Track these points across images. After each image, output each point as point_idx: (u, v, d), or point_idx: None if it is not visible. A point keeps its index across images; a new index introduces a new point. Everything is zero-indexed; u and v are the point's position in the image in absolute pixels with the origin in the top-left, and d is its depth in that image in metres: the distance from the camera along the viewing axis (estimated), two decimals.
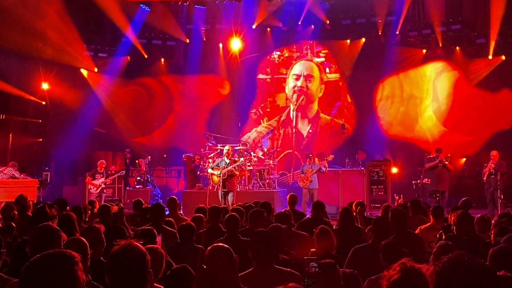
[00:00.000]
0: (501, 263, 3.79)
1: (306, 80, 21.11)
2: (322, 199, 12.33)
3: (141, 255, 2.94)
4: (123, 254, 2.92)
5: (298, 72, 21.28)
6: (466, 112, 17.97)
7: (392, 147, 18.47)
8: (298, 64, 21.44)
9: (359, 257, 5.54)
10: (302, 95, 21.07)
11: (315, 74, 21.14)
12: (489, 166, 14.46)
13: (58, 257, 2.65)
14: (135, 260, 2.90)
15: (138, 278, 2.90)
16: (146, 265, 2.93)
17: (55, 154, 19.38)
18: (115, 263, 2.91)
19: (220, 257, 3.69)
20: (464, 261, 2.12)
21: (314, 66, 21.18)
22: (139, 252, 2.95)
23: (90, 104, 19.61)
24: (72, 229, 5.72)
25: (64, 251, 2.71)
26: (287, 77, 21.44)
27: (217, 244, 3.86)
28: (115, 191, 17.51)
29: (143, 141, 20.44)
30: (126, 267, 2.88)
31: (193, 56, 20.58)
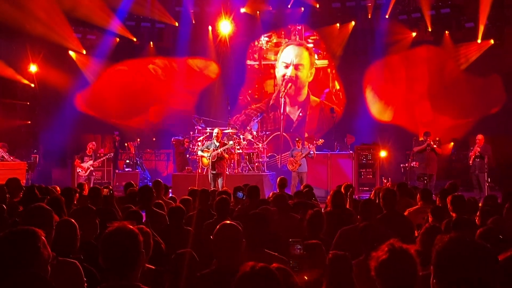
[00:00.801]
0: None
1: (296, 69, 20.97)
2: (311, 183, 12.42)
3: (134, 236, 2.98)
4: (117, 235, 2.96)
5: (288, 60, 21.13)
6: (455, 96, 18.05)
7: (381, 130, 18.53)
8: (288, 50, 21.27)
9: (346, 238, 5.59)
10: (290, 83, 20.96)
11: (305, 61, 21.01)
12: (474, 150, 14.59)
13: (22, 233, 2.82)
14: (128, 241, 2.95)
15: (131, 259, 2.94)
16: (139, 246, 2.98)
17: (44, 136, 19.28)
18: (109, 244, 2.95)
19: (229, 234, 3.71)
20: (464, 241, 2.16)
21: (304, 52, 21.05)
22: (132, 233, 2.99)
23: (78, 87, 19.50)
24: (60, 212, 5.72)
25: (28, 228, 2.87)
26: (277, 62, 21.32)
27: (230, 222, 3.88)
28: (104, 174, 17.50)
29: (132, 124, 20.36)
30: (120, 248, 2.92)
31: (182, 38, 20.46)
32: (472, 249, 2.14)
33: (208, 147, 14.58)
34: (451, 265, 2.12)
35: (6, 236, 2.78)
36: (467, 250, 2.13)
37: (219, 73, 21.00)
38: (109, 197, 7.64)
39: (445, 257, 2.15)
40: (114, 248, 2.93)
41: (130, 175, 17.23)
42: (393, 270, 2.68)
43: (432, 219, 6.04)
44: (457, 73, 18.24)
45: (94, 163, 16.30)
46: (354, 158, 16.02)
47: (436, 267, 2.17)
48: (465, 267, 2.09)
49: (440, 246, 2.18)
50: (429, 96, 18.61)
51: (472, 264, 2.09)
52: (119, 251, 2.92)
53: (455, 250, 2.14)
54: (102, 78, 20.25)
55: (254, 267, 2.44)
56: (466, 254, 2.12)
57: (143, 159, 19.71)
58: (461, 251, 2.13)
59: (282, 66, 21.19)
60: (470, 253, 2.12)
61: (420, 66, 18.96)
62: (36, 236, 2.82)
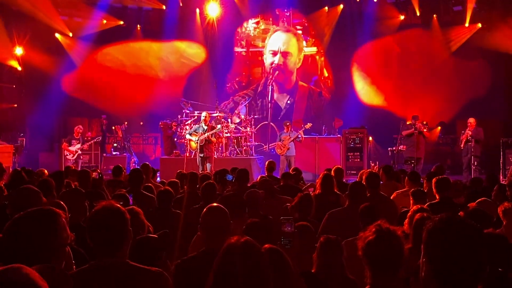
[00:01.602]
0: None
1: (284, 56, 20.79)
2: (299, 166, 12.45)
3: (121, 214, 3.00)
4: (104, 213, 2.98)
5: (275, 48, 20.93)
6: (442, 80, 18.12)
7: (368, 114, 18.59)
8: (275, 37, 21.06)
9: (334, 220, 5.64)
10: (277, 71, 20.77)
11: (293, 48, 20.84)
12: (466, 133, 14.73)
13: (42, 213, 2.76)
14: (116, 219, 2.97)
15: (120, 236, 2.96)
16: (125, 223, 3.00)
17: (31, 120, 19.14)
18: (97, 222, 2.98)
19: (216, 217, 3.74)
20: (454, 220, 2.20)
21: (292, 38, 20.88)
22: (118, 211, 3.01)
23: (65, 70, 19.34)
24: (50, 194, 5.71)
25: (48, 208, 2.82)
26: (264, 49, 21.14)
27: (216, 205, 3.91)
28: (91, 157, 17.44)
29: (119, 107, 20.23)
30: (108, 225, 2.94)
31: (170, 21, 20.31)
32: (462, 228, 2.18)
33: (196, 131, 14.58)
34: (441, 244, 2.15)
35: (26, 215, 2.75)
36: (456, 229, 2.17)
37: (207, 57, 20.87)
38: (98, 180, 7.65)
39: (435, 236, 2.18)
40: (102, 226, 2.94)
41: (118, 158, 17.18)
42: (379, 250, 2.72)
43: (413, 201, 6.11)
44: (445, 57, 18.30)
45: (82, 147, 16.24)
46: (342, 142, 16.09)
47: (426, 246, 2.21)
48: (454, 246, 2.13)
49: (430, 226, 2.21)
50: (417, 79, 18.64)
51: (461, 243, 2.13)
52: (107, 229, 2.93)
53: (445, 229, 2.17)
54: (89, 61, 20.07)
55: (239, 239, 2.47)
56: (456, 233, 2.16)
57: (131, 143, 19.65)
58: (451, 230, 2.17)
59: (269, 54, 21.00)
60: (460, 232, 2.16)
61: (408, 50, 19.00)
62: (57, 217, 2.81)
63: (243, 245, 2.46)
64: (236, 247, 2.45)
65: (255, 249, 2.47)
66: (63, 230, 2.81)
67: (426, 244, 2.21)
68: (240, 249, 2.44)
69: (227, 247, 2.47)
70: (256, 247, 2.49)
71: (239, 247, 2.45)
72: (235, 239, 2.50)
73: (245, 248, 2.45)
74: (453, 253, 2.12)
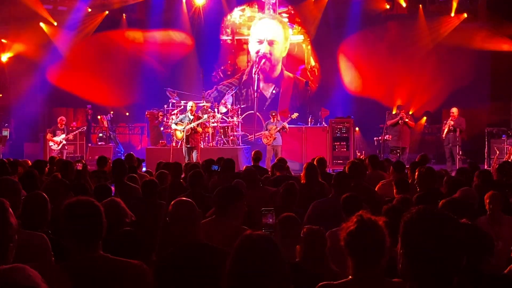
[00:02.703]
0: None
1: (270, 45, 20.59)
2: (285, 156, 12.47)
3: (94, 207, 3.03)
4: (78, 207, 3.01)
5: (261, 36, 20.71)
6: (428, 69, 18.15)
7: (355, 104, 18.63)
8: (261, 25, 20.84)
9: (319, 210, 5.65)
10: (264, 59, 20.58)
11: (279, 37, 20.63)
12: (448, 123, 14.83)
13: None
14: (91, 212, 3.00)
15: (96, 230, 2.99)
16: (101, 216, 3.02)
17: (15, 110, 18.97)
18: (72, 216, 3.00)
19: (183, 211, 3.73)
20: (429, 211, 2.21)
21: (278, 26, 20.69)
22: (93, 204, 3.05)
23: (50, 59, 19.14)
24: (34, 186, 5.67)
25: None
26: (250, 37, 20.99)
27: (180, 198, 3.90)
28: (76, 147, 17.31)
29: (105, 97, 20.09)
30: (84, 219, 2.96)
31: (156, 10, 20.18)
32: (438, 219, 2.19)
33: (182, 120, 14.56)
34: (417, 235, 2.17)
35: None
36: (432, 221, 2.18)
37: (193, 45, 20.75)
38: (82, 171, 7.61)
39: (412, 226, 2.19)
40: (78, 220, 2.95)
41: (103, 148, 17.08)
42: (361, 240, 2.73)
43: (397, 191, 6.13)
44: (431, 47, 18.34)
45: (67, 137, 16.14)
46: (328, 132, 16.10)
47: (403, 237, 2.22)
48: (430, 238, 2.14)
49: (407, 217, 2.22)
50: (403, 69, 18.65)
51: (437, 235, 2.14)
52: (83, 223, 2.95)
53: (421, 219, 2.19)
54: (74, 50, 19.86)
55: (252, 234, 2.44)
56: (432, 224, 2.17)
57: (116, 133, 19.54)
58: (426, 221, 2.18)
59: (255, 42, 20.83)
60: (436, 223, 2.17)
61: (394, 40, 18.99)
62: (4, 205, 2.83)
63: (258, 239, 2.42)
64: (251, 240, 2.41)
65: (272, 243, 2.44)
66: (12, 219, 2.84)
67: (402, 236, 2.22)
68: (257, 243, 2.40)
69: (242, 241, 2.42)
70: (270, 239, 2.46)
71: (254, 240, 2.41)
72: (248, 233, 2.46)
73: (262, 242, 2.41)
74: (428, 245, 2.13)
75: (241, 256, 2.35)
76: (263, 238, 2.40)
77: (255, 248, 2.35)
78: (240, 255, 2.36)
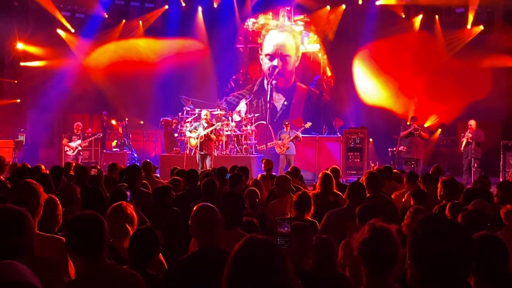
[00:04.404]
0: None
1: (282, 59, 20.46)
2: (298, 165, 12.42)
3: (97, 221, 3.16)
4: (80, 221, 3.15)
5: (272, 51, 20.60)
6: (443, 81, 18.04)
7: (369, 114, 18.56)
8: (271, 38, 20.71)
9: (333, 220, 5.63)
10: (279, 76, 20.41)
11: (291, 50, 20.52)
12: (466, 136, 14.72)
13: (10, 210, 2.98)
14: (91, 227, 3.12)
15: (96, 243, 3.11)
16: (102, 230, 3.16)
17: (31, 115, 19.15)
18: (72, 230, 3.15)
19: (206, 216, 3.74)
20: (437, 220, 2.20)
21: (288, 38, 20.58)
22: (95, 218, 3.17)
23: (67, 65, 19.32)
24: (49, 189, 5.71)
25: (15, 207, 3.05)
26: (261, 51, 20.90)
27: (203, 203, 3.91)
28: (91, 153, 17.43)
29: (120, 104, 20.22)
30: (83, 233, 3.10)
31: (172, 19, 20.33)
32: (445, 227, 2.18)
33: (196, 128, 14.63)
34: (424, 244, 2.15)
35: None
36: (439, 228, 2.17)
37: (208, 54, 20.80)
38: (97, 176, 7.65)
39: (419, 236, 2.18)
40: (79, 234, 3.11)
41: (118, 155, 17.20)
42: (374, 249, 2.72)
43: (414, 202, 6.10)
44: (446, 59, 18.24)
45: (83, 143, 16.26)
46: (342, 142, 16.08)
47: (410, 247, 2.21)
48: (437, 246, 2.13)
49: (414, 226, 2.21)
50: (417, 81, 18.60)
51: (444, 242, 2.13)
52: (83, 236, 3.09)
53: (428, 229, 2.17)
54: (90, 57, 20.06)
55: (254, 237, 2.37)
56: (438, 232, 2.16)
57: (131, 140, 19.64)
58: (433, 229, 2.17)
59: (266, 58, 20.67)
60: (442, 231, 2.16)
61: (410, 51, 18.91)
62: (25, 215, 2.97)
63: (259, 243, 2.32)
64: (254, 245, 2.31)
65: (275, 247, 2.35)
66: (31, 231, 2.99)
67: (409, 244, 2.21)
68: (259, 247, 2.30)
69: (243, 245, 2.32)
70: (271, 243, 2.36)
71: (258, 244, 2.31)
72: (249, 236, 2.37)
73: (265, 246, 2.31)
74: (436, 254, 2.11)
75: (240, 259, 2.26)
76: (265, 241, 2.32)
77: (256, 251, 2.25)
78: (239, 258, 2.27)
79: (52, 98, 18.52)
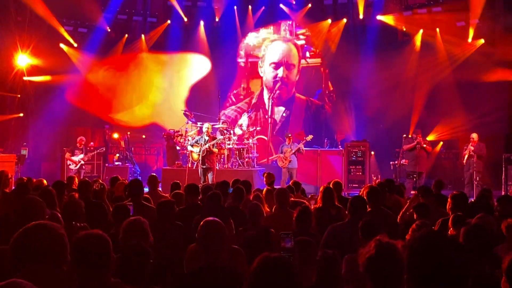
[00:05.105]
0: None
1: (288, 68, 20.49)
2: (300, 179, 12.48)
3: (103, 240, 3.16)
4: (86, 240, 3.15)
5: (278, 59, 20.63)
6: (444, 95, 18.07)
7: (371, 127, 18.56)
8: (275, 47, 20.77)
9: (335, 235, 5.63)
10: (283, 86, 20.43)
11: (295, 61, 20.57)
12: (468, 149, 14.75)
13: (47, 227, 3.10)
14: (97, 245, 3.12)
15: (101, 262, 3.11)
16: (108, 249, 3.16)
17: (34, 129, 19.19)
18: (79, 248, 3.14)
19: (213, 231, 3.74)
20: (433, 236, 2.21)
21: (293, 49, 20.65)
22: (101, 237, 3.16)
23: (69, 80, 19.39)
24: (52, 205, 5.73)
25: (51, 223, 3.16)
26: (262, 59, 20.91)
27: (210, 218, 3.91)
28: (94, 167, 17.44)
29: (123, 118, 20.28)
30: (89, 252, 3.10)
31: (174, 33, 20.42)
32: (441, 243, 2.18)
33: (198, 142, 14.66)
34: (421, 260, 2.16)
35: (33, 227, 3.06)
36: (435, 244, 2.17)
37: (210, 68, 20.84)
38: (99, 191, 7.67)
39: (415, 251, 2.19)
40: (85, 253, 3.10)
41: (120, 169, 17.22)
42: (380, 265, 2.73)
43: (417, 216, 6.11)
44: (447, 72, 18.25)
45: (85, 157, 16.29)
46: (344, 155, 16.09)
47: (407, 262, 2.22)
48: (433, 261, 2.13)
49: (411, 241, 2.22)
50: (419, 94, 18.61)
51: (440, 258, 2.13)
52: (90, 255, 3.09)
53: (425, 244, 2.18)
54: (93, 71, 20.13)
55: (269, 256, 2.45)
56: (435, 248, 2.16)
57: (133, 153, 19.67)
58: (430, 245, 2.17)
59: (271, 68, 20.68)
60: (439, 247, 2.16)
61: (410, 64, 18.96)
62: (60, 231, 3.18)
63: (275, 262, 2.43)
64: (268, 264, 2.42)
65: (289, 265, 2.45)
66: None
67: (407, 260, 2.22)
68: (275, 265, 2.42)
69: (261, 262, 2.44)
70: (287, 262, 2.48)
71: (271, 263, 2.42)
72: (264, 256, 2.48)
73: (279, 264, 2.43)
74: (431, 269, 2.12)
75: (259, 277, 2.36)
76: (280, 260, 2.41)
77: (273, 270, 2.35)
78: (258, 276, 2.36)
79: (55, 112, 18.56)
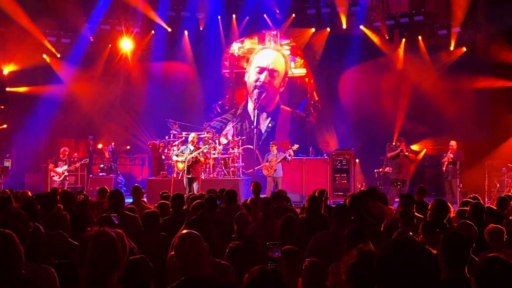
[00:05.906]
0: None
1: (271, 75, 20.54)
2: (286, 187, 12.50)
3: (113, 241, 3.05)
4: (95, 240, 3.03)
5: (263, 64, 20.67)
6: (428, 103, 18.20)
7: (355, 136, 18.64)
8: (264, 54, 20.85)
9: (320, 242, 5.65)
10: (264, 92, 20.51)
11: (280, 68, 20.63)
12: (447, 156, 14.89)
13: None
14: (107, 246, 3.03)
15: (113, 264, 3.03)
16: (117, 250, 3.05)
17: (17, 141, 19.04)
18: (88, 248, 3.03)
19: (190, 244, 3.71)
20: (402, 243, 2.24)
21: (280, 58, 20.70)
22: (111, 238, 3.06)
23: (53, 90, 19.28)
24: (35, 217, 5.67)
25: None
26: (249, 65, 20.90)
27: (187, 231, 3.87)
28: (78, 178, 17.31)
29: (106, 128, 20.17)
30: (98, 253, 3.00)
31: (158, 43, 20.37)
32: (410, 251, 2.21)
33: (183, 152, 14.63)
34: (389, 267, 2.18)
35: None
36: (404, 252, 2.20)
37: (195, 78, 20.81)
38: (82, 202, 7.62)
39: (384, 259, 2.21)
40: (94, 254, 3.00)
41: (104, 180, 17.12)
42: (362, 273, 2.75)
43: (402, 223, 6.14)
44: (430, 80, 18.40)
45: (69, 168, 16.18)
46: (329, 163, 16.14)
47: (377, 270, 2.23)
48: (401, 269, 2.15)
49: (380, 250, 2.25)
50: (402, 102, 18.72)
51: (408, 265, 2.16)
52: (99, 256, 2.99)
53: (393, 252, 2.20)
54: (76, 82, 20.00)
55: (262, 269, 2.48)
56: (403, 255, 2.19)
57: (117, 164, 19.57)
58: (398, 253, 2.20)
59: (255, 71, 20.71)
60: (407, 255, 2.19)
61: (394, 73, 19.09)
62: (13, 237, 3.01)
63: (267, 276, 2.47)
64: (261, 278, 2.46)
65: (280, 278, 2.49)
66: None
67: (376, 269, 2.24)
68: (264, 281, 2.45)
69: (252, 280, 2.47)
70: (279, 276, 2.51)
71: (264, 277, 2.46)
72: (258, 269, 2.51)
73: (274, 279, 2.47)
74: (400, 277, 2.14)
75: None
76: (274, 274, 2.44)
77: (267, 284, 2.37)
78: None
79: (39, 123, 18.46)
